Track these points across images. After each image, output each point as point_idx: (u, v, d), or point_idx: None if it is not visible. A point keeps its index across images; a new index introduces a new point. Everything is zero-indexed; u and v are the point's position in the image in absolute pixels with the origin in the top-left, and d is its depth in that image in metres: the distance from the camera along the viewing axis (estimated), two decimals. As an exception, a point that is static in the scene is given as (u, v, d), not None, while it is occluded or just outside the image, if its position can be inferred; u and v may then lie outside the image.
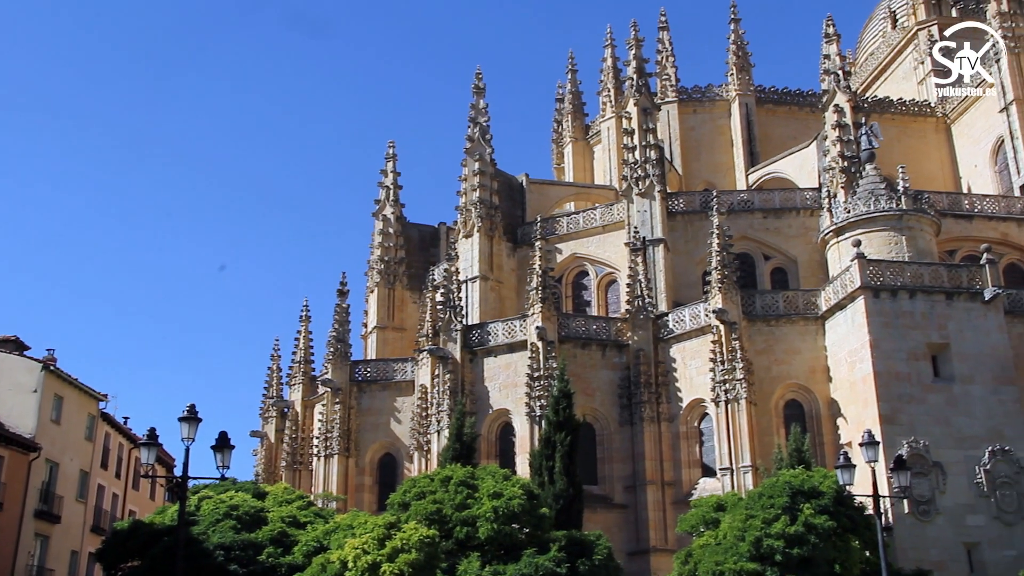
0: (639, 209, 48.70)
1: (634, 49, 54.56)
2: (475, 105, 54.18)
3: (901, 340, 38.30)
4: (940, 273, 39.84)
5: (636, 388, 42.77)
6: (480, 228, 51.04)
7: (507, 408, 43.45)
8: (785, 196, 51.03)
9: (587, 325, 45.00)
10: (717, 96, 62.48)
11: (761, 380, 40.58)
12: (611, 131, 62.65)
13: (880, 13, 78.07)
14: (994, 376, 38.21)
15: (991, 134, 56.37)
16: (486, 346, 44.69)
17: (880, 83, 72.52)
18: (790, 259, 49.34)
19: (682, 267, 48.70)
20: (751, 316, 41.71)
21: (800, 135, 59.08)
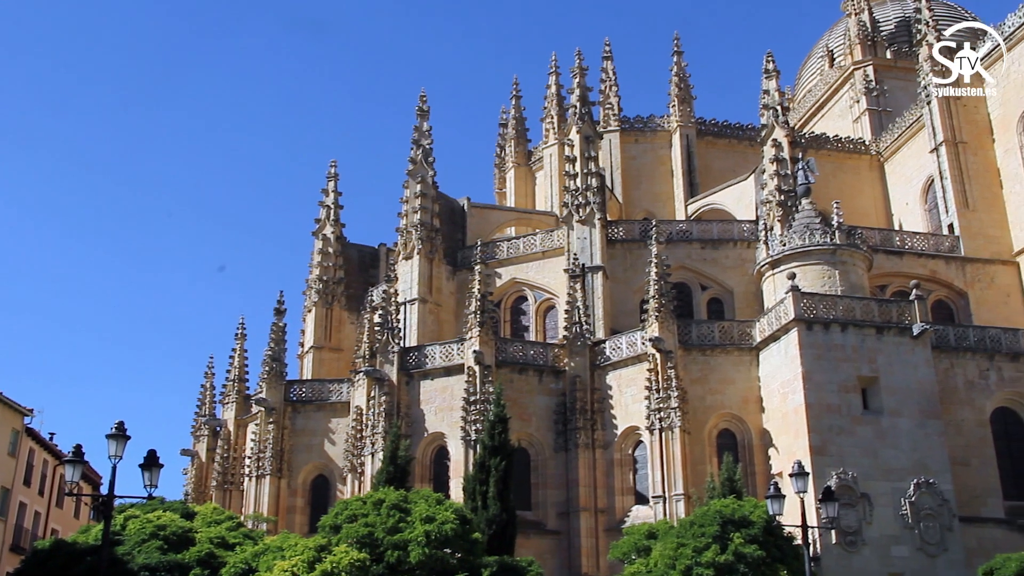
0: (579, 236, 49.04)
1: (578, 77, 55.00)
2: (419, 127, 54.24)
3: (832, 372, 38.92)
4: (871, 308, 40.61)
5: (572, 414, 42.90)
6: (420, 250, 50.99)
7: (442, 432, 43.31)
8: (723, 227, 51.76)
9: (525, 350, 45.09)
10: (659, 127, 63.26)
11: (695, 409, 40.95)
12: (553, 158, 63.10)
13: (818, 51, 79.82)
14: (920, 410, 38.97)
15: (922, 173, 57.75)
16: (423, 369, 44.55)
17: (817, 120, 74.06)
18: (726, 290, 50.01)
19: (620, 295, 49.10)
20: (687, 345, 42.11)
21: (739, 168, 59.98)
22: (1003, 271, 51.79)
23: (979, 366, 41.76)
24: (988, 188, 53.30)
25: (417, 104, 54.86)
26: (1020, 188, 52.04)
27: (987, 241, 52.30)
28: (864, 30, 71.39)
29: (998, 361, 41.90)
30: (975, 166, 53.61)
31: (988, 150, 54.10)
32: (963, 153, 53.75)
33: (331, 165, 59.71)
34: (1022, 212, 51.83)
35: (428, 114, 54.65)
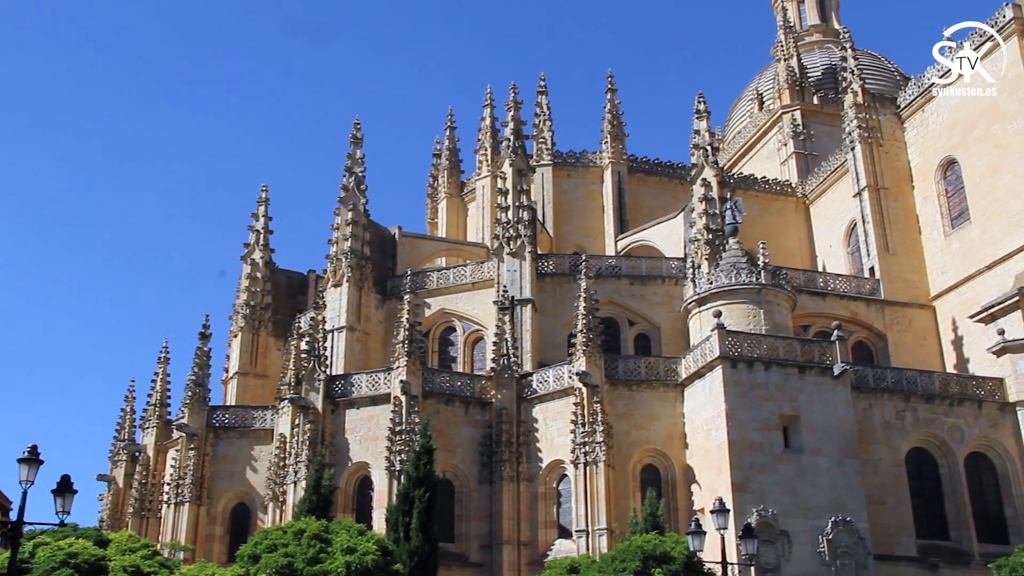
0: (509, 268, 49.26)
1: (512, 111, 55.46)
2: (352, 155, 54.13)
3: (755, 410, 39.46)
4: (794, 347, 41.32)
5: (497, 447, 42.86)
6: (350, 278, 50.75)
7: (367, 461, 42.96)
8: (652, 264, 52.39)
9: (452, 381, 45.00)
10: (591, 162, 63.94)
11: (620, 444, 41.18)
12: (486, 190, 63.41)
13: (748, 94, 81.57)
14: (839, 449, 39.66)
15: (845, 217, 59.14)
16: (349, 397, 44.21)
17: (746, 161, 75.55)
18: (654, 326, 50.55)
19: (549, 328, 49.36)
20: (613, 380, 42.40)
21: (669, 205, 60.84)
22: (920, 314, 53.18)
23: (896, 407, 42.65)
24: (907, 233, 54.77)
25: (351, 131, 54.83)
26: (937, 235, 53.56)
27: (906, 285, 53.66)
28: (793, 76, 73.16)
29: (914, 402, 42.84)
30: (895, 212, 55.07)
31: (908, 196, 55.65)
32: (884, 199, 55.19)
33: (262, 190, 59.32)
34: (938, 258, 53.30)
35: (362, 142, 54.61)
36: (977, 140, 51.51)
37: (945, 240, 53.10)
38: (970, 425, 42.82)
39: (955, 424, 42.74)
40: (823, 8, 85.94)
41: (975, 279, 50.49)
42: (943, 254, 53.11)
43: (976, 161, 51.49)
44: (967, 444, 42.59)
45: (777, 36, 77.53)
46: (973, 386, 43.88)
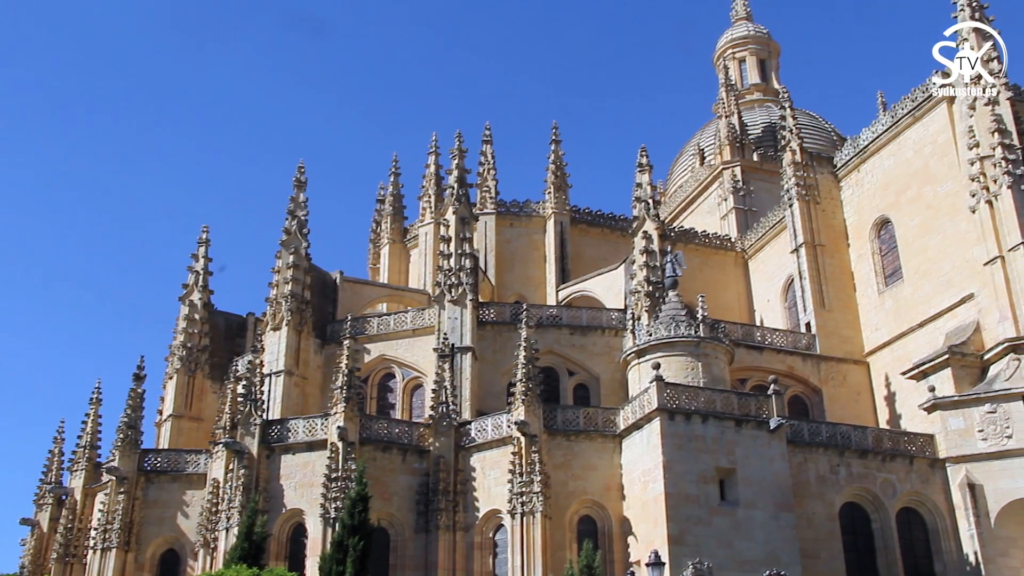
0: (450, 316, 49.24)
1: (457, 159, 55.75)
2: (295, 198, 53.91)
3: (692, 463, 39.64)
4: (731, 400, 41.67)
5: (434, 495, 42.51)
6: (289, 322, 50.33)
7: (301, 508, 42.35)
8: (592, 315, 52.68)
9: (390, 428, 44.64)
10: (534, 212, 64.38)
11: (557, 494, 41.06)
12: (429, 236, 63.52)
13: (690, 149, 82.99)
14: (775, 502, 39.93)
15: (783, 272, 60.12)
16: (285, 443, 43.64)
17: (687, 214, 76.63)
18: (593, 376, 50.73)
19: (488, 376, 49.30)
20: (552, 430, 42.37)
21: (610, 257, 61.35)
22: (855, 370, 53.99)
23: (830, 461, 43.06)
24: (843, 290, 55.75)
25: (295, 175, 54.63)
26: (871, 292, 54.62)
27: (841, 341, 54.51)
28: (733, 132, 74.57)
29: (848, 457, 43.30)
30: (831, 268, 56.07)
31: (844, 254, 56.74)
32: (821, 255, 56.20)
33: (203, 230, 58.84)
34: (872, 315, 54.31)
35: (305, 185, 54.45)
36: (910, 201, 52.79)
37: (879, 298, 54.15)
38: (902, 481, 43.39)
39: (887, 479, 43.28)
40: (763, 68, 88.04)
41: (907, 336, 51.46)
42: (877, 311, 54.12)
43: (909, 221, 52.73)
44: (899, 499, 43.12)
45: (719, 94, 79.19)
46: (905, 442, 44.54)
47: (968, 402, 44.00)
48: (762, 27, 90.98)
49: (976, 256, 47.09)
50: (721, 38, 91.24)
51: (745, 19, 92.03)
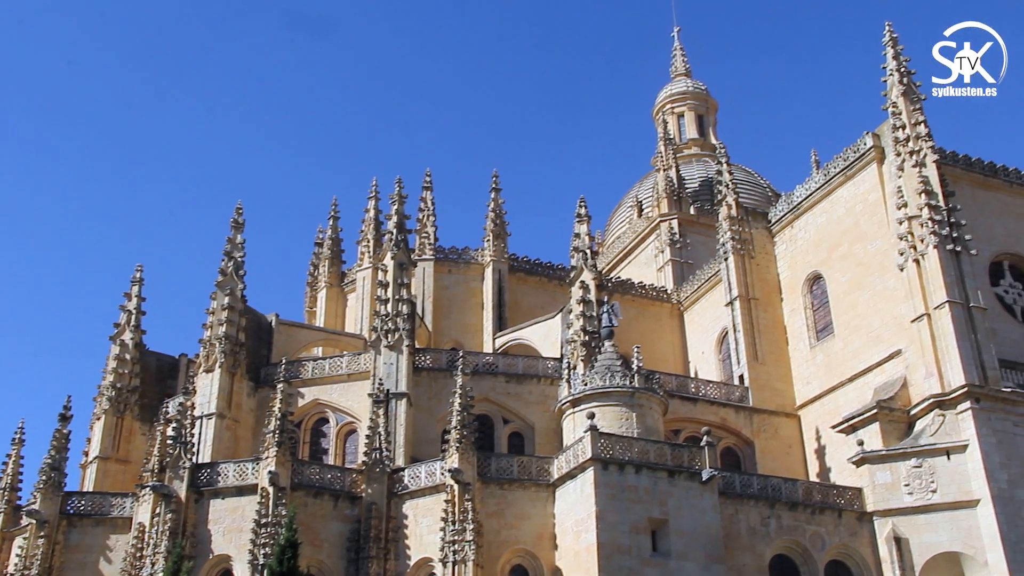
0: (386, 361, 49.00)
1: (397, 204, 55.81)
2: (232, 239, 53.48)
3: (625, 513, 39.70)
4: (664, 451, 41.91)
5: (366, 542, 42.01)
6: (222, 364, 49.68)
7: (229, 554, 41.59)
8: (528, 363, 52.75)
9: (322, 474, 44.14)
10: (472, 259, 64.53)
11: (490, 543, 40.82)
12: (367, 281, 63.35)
13: (628, 201, 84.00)
14: (706, 554, 40.09)
15: (717, 325, 60.82)
16: (215, 487, 42.93)
17: (624, 265, 77.36)
18: (528, 425, 50.73)
19: (423, 423, 49.05)
20: (486, 478, 42.21)
21: (548, 305, 61.65)
22: (786, 423, 54.60)
23: (761, 513, 43.40)
24: (776, 343, 56.52)
25: (233, 216, 54.26)
26: (803, 346, 55.46)
27: (773, 393, 55.15)
28: (671, 186, 75.69)
29: (778, 509, 43.66)
30: (765, 322, 56.85)
31: (777, 308, 57.60)
32: (755, 309, 56.95)
33: (136, 269, 58.13)
34: (804, 368, 55.10)
35: (243, 226, 54.05)
36: (841, 257, 53.88)
37: (811, 352, 54.99)
38: (830, 533, 43.84)
39: (816, 532, 43.70)
40: (702, 123, 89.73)
41: (837, 391, 52.24)
42: (809, 365, 54.93)
43: (840, 277, 53.76)
44: (827, 552, 43.50)
45: (658, 147, 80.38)
46: (834, 495, 45.08)
47: (895, 456, 44.79)
48: (701, 83, 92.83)
49: (904, 313, 48.12)
50: (661, 92, 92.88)
51: (684, 75, 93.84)
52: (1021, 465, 43.80)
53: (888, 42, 52.55)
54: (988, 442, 43.66)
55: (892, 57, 52.26)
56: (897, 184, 49.79)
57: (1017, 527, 42.20)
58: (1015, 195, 54.39)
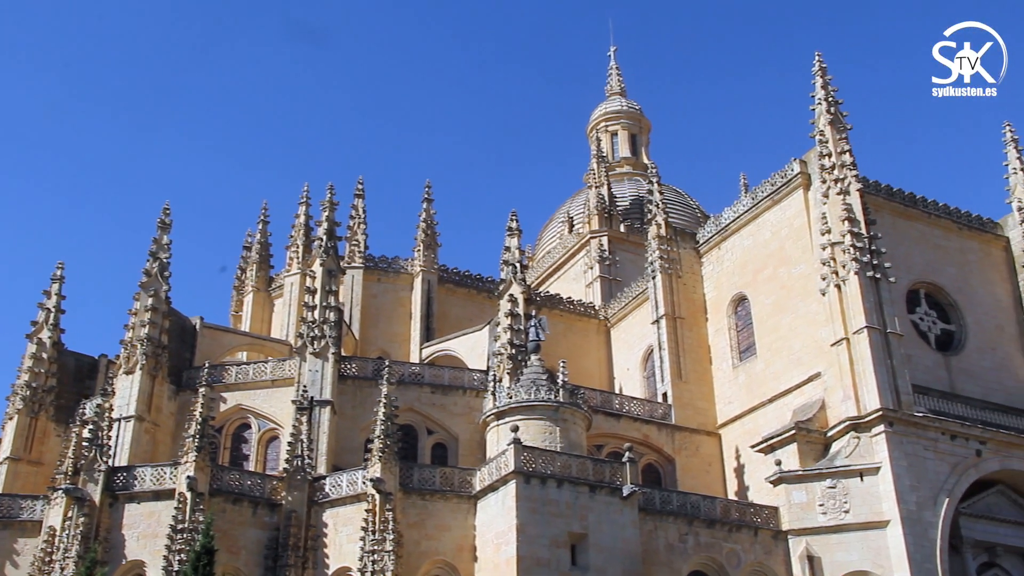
0: (311, 368, 48.66)
1: (327, 211, 55.44)
2: (158, 240, 52.70)
3: (545, 527, 39.88)
4: (587, 466, 42.20)
5: (284, 550, 41.56)
6: (143, 366, 48.87)
7: (143, 560, 40.86)
8: (454, 374, 52.77)
9: (242, 480, 43.59)
10: (402, 269, 64.43)
11: (410, 554, 40.69)
12: (294, 287, 62.84)
13: (560, 216, 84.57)
14: (624, 569, 40.42)
15: (643, 342, 61.45)
16: (130, 491, 42.17)
17: (553, 280, 77.82)
18: (452, 436, 50.70)
19: (346, 431, 48.76)
20: (408, 488, 42.08)
21: (476, 317, 61.77)
22: (707, 441, 55.34)
23: (679, 530, 43.88)
24: (699, 363, 57.30)
25: (159, 216, 53.48)
26: (726, 366, 56.32)
27: (695, 412, 55.87)
28: (602, 203, 76.39)
29: (696, 526, 44.21)
30: (690, 341, 57.59)
31: (702, 327, 58.41)
32: (680, 328, 57.66)
33: (57, 267, 56.84)
34: (726, 388, 55.95)
35: (170, 227, 53.31)
36: (766, 280, 54.86)
37: (733, 371, 55.85)
38: (746, 551, 44.49)
39: (733, 549, 44.31)
40: (634, 143, 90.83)
41: (758, 411, 53.14)
42: (731, 385, 55.78)
43: (764, 300, 54.74)
44: (743, 570, 44.15)
45: (590, 164, 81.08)
46: (751, 513, 45.78)
47: (811, 477, 45.68)
48: (635, 103, 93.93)
49: (824, 337, 49.14)
50: (595, 111, 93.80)
51: (619, 94, 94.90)
52: (929, 488, 45.04)
53: (817, 71, 53.88)
54: (900, 465, 44.79)
55: (821, 87, 53.57)
56: (822, 210, 50.91)
57: (923, 548, 43.30)
58: (932, 225, 56.03)
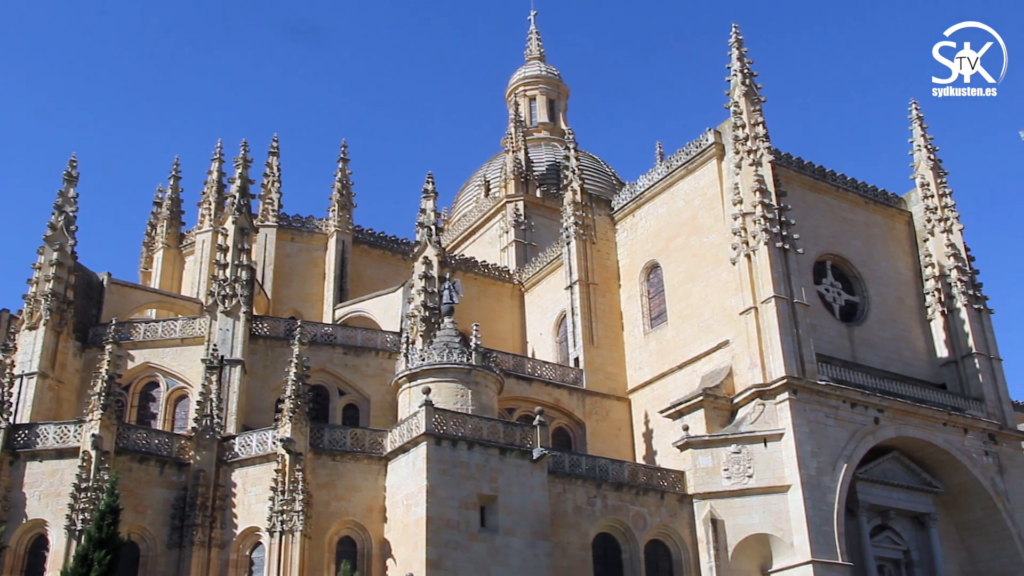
0: (222, 327, 48.05)
1: (241, 168, 54.44)
2: (63, 193, 51.26)
3: (455, 488, 40.18)
4: (498, 429, 42.56)
5: (191, 510, 41.17)
6: (47, 322, 47.69)
7: (45, 519, 40.09)
8: (367, 336, 52.62)
9: (149, 439, 42.96)
10: (316, 229, 63.87)
11: (319, 514, 40.66)
12: (206, 244, 61.88)
13: (476, 180, 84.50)
14: (532, 530, 40.99)
15: (557, 307, 61.91)
16: (32, 449, 41.25)
17: (469, 244, 77.87)
18: (364, 397, 50.62)
19: (257, 391, 48.32)
20: (318, 449, 41.98)
21: (390, 279, 61.59)
22: (617, 406, 56.13)
23: (588, 493, 44.56)
24: (611, 328, 57.96)
25: (65, 168, 52.00)
26: (638, 332, 57.11)
27: (606, 377, 56.57)
28: (519, 167, 76.53)
29: (604, 489, 44.93)
30: (602, 307, 58.18)
31: (615, 294, 59.05)
32: (593, 294, 58.18)
33: (-42, 218, 55.11)
34: (637, 354, 56.76)
35: (76, 180, 51.88)
36: (678, 248, 55.61)
37: (644, 338, 56.64)
38: (652, 514, 45.42)
39: (639, 512, 45.20)
40: (552, 108, 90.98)
41: (667, 377, 54.02)
42: (642, 351, 56.58)
43: (676, 268, 55.51)
44: (648, 532, 45.10)
45: (508, 128, 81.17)
46: (658, 477, 46.70)
47: (716, 442, 46.77)
48: (554, 69, 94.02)
49: (734, 305, 50.13)
50: (514, 75, 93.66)
51: (539, 59, 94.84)
52: (829, 454, 46.47)
53: (734, 43, 54.56)
54: (802, 431, 46.11)
55: (737, 58, 54.29)
56: (734, 181, 51.75)
57: (822, 511, 44.74)
58: (840, 198, 57.36)
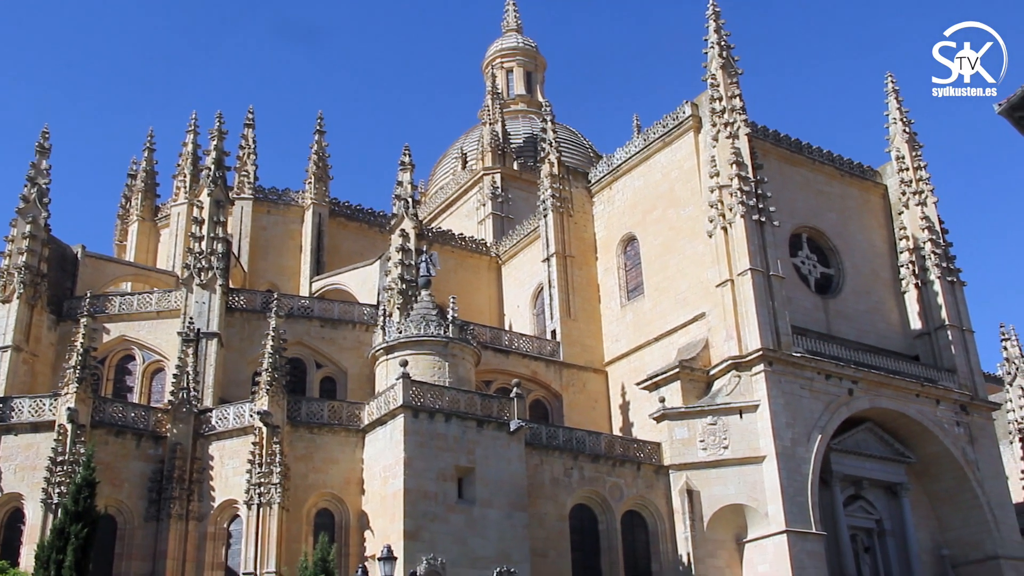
0: (198, 300, 47.86)
1: (216, 140, 54.06)
2: (36, 164, 50.86)
3: (433, 460, 40.32)
4: (475, 401, 42.69)
5: (168, 483, 41.14)
6: (21, 295, 47.40)
7: (21, 493, 39.98)
8: (344, 308, 52.55)
9: (125, 412, 42.85)
10: (293, 201, 63.60)
11: (297, 487, 40.70)
12: (181, 217, 61.46)
13: (453, 152, 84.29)
14: (509, 502, 41.23)
15: (534, 280, 62.03)
16: (8, 422, 41.05)
17: (446, 216, 77.74)
18: (341, 370, 50.62)
19: (234, 364, 48.22)
20: (295, 422, 41.99)
21: (367, 252, 61.47)
22: (594, 378, 56.41)
23: (564, 464, 44.87)
24: (588, 301, 58.14)
25: (38, 140, 51.54)
26: (615, 305, 57.31)
27: (583, 349, 56.80)
28: (496, 140, 76.32)
29: (581, 461, 45.26)
30: (579, 279, 58.34)
31: (592, 266, 59.18)
32: (570, 266, 58.31)
33: (-71, 190, 54.53)
34: (613, 327, 56.99)
35: (49, 152, 51.44)
36: (655, 221, 55.75)
37: (621, 310, 56.85)
38: (629, 485, 45.79)
39: (616, 483, 45.57)
40: (529, 80, 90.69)
41: (644, 349, 54.30)
42: (619, 323, 56.80)
43: (653, 240, 55.66)
44: (625, 503, 45.48)
45: (485, 100, 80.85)
46: (634, 449, 47.05)
47: (692, 414, 47.12)
48: (531, 40, 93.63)
49: (710, 278, 50.36)
50: (491, 47, 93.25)
51: (515, 31, 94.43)
52: (804, 425, 46.93)
53: (711, 15, 54.50)
54: (777, 403, 46.51)
55: (714, 31, 54.27)
56: (711, 153, 51.84)
57: (796, 481, 45.22)
58: (816, 171, 57.63)
